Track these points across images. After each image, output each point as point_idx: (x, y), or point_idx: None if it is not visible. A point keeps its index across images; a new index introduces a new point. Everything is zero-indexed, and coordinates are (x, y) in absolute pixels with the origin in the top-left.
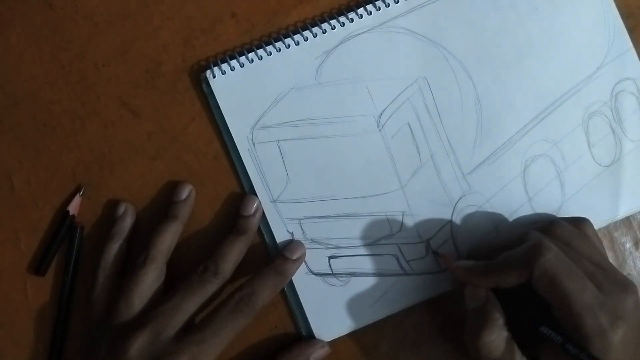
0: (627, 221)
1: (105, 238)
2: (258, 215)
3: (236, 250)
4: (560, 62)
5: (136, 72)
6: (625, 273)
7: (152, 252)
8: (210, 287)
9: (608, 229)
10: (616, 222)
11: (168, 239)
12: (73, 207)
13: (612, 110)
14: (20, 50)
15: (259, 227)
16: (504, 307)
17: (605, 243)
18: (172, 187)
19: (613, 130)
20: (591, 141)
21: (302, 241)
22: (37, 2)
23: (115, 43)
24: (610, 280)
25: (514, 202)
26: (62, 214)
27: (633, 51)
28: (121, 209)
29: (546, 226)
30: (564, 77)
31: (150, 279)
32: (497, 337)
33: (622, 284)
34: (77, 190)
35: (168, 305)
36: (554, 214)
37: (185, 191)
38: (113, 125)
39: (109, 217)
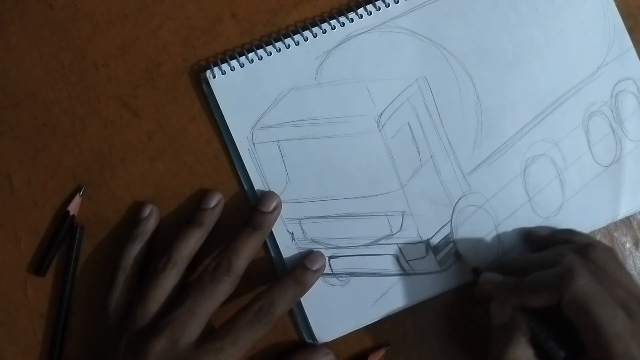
0: (627, 221)
1: (127, 239)
2: (277, 213)
3: (250, 245)
4: (561, 62)
5: (136, 72)
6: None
7: (175, 256)
8: (223, 287)
9: (608, 229)
10: (616, 222)
11: (191, 245)
12: (73, 207)
13: (612, 110)
14: (20, 50)
15: None
16: (531, 323)
17: (605, 243)
18: (202, 194)
19: (613, 130)
20: (591, 141)
21: (302, 241)
22: (37, 2)
23: (115, 43)
24: None
25: (514, 202)
26: (62, 214)
27: (633, 51)
28: (146, 210)
29: (583, 248)
30: (564, 77)
31: (169, 284)
32: (522, 354)
33: None
34: (77, 190)
35: (182, 310)
36: (555, 213)
37: (214, 199)
38: (113, 125)
39: (133, 218)
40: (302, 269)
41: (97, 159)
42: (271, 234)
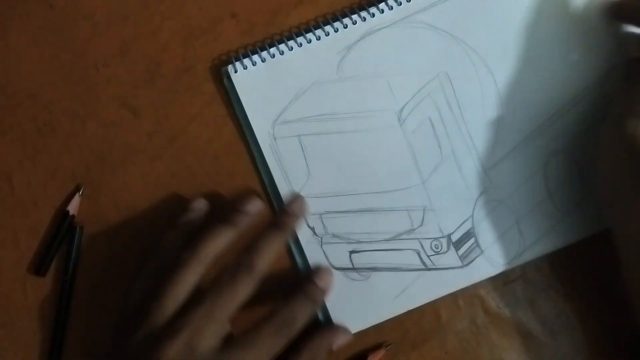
0: None
1: (166, 226)
2: (304, 215)
3: (274, 246)
4: (581, 58)
5: (136, 72)
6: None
7: (200, 252)
8: (243, 288)
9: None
10: None
11: (219, 244)
12: (73, 207)
13: None
14: (20, 50)
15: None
16: None
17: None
18: (242, 194)
19: None
20: None
21: (324, 236)
22: (37, 2)
23: (115, 43)
24: None
25: (535, 197)
26: (62, 214)
27: None
28: (199, 204)
29: None
30: (585, 72)
31: (189, 281)
32: None
33: None
34: (77, 190)
35: (201, 311)
36: (575, 208)
37: (256, 206)
38: (113, 125)
39: (181, 208)
40: (313, 286)
41: (97, 159)
42: None
